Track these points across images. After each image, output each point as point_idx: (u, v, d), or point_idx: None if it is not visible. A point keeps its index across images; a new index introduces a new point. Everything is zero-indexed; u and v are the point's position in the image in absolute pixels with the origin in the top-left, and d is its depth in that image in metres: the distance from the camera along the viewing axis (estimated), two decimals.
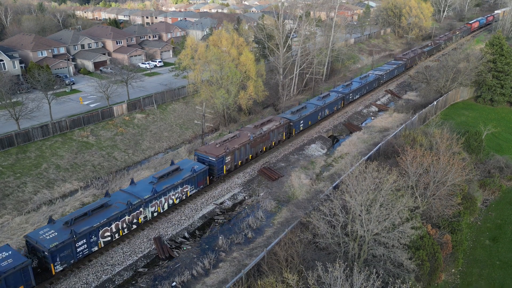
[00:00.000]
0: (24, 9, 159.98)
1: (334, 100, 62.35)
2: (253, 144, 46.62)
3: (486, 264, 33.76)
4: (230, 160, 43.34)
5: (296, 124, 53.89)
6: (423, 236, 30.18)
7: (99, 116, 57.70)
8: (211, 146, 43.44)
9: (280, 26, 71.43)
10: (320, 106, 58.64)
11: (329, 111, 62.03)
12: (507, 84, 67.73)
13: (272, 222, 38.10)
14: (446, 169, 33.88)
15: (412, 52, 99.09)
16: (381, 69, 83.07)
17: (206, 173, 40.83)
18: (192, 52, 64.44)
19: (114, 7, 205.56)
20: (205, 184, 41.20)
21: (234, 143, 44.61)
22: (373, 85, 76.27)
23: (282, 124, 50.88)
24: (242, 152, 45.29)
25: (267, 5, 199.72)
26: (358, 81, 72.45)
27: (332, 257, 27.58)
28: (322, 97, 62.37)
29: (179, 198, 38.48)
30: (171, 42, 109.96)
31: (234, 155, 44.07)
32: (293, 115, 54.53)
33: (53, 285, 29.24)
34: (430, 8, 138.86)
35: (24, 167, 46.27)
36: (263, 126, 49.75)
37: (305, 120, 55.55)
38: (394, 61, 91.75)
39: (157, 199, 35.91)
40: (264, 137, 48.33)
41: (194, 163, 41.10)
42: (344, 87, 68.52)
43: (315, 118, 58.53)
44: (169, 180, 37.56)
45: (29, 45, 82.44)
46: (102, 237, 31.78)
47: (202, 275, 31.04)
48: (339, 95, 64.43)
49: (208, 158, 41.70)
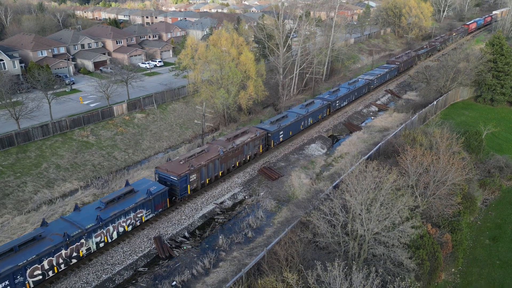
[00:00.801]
0: (24, 9, 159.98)
1: (318, 108, 58.42)
2: (223, 159, 42.83)
3: (486, 263, 33.78)
4: (195, 178, 39.52)
5: (275, 135, 50.10)
6: (423, 236, 30.20)
7: (99, 116, 57.72)
8: (174, 163, 39.47)
9: (280, 26, 71.44)
10: (303, 115, 54.83)
11: (313, 120, 58.03)
12: (507, 84, 67.74)
13: (272, 222, 38.12)
14: (446, 168, 33.89)
15: (406, 55, 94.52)
16: (372, 73, 78.88)
17: (166, 195, 36.57)
18: (192, 52, 64.48)
19: (114, 7, 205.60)
20: (164, 207, 36.89)
21: (201, 159, 40.71)
22: (362, 91, 72.63)
23: (258, 136, 47.04)
24: (210, 169, 41.44)
25: (267, 5, 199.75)
26: (346, 87, 68.48)
27: (332, 256, 27.60)
28: (305, 105, 58.41)
29: (132, 224, 34.15)
30: (171, 42, 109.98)
31: (201, 173, 40.22)
32: (272, 125, 50.86)
33: (53, 285, 29.26)
34: (430, 8, 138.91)
35: (24, 166, 46.29)
36: (236, 139, 45.88)
37: (285, 131, 51.89)
38: (387, 64, 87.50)
39: (103, 228, 31.67)
40: (237, 151, 44.50)
41: (152, 183, 36.74)
42: (330, 94, 64.69)
43: (297, 128, 54.76)
44: (120, 205, 33.35)
45: (29, 45, 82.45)
46: (30, 276, 27.37)
47: (202, 275, 31.07)
48: (324, 103, 60.58)
49: (170, 177, 37.64)
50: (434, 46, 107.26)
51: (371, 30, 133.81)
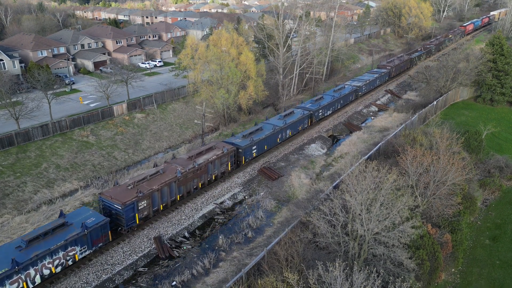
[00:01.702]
0: (24, 9, 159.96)
1: (298, 119, 54.08)
2: (182, 181, 38.38)
3: (486, 263, 33.77)
4: (146, 205, 34.97)
5: (247, 150, 45.87)
6: (423, 236, 30.19)
7: (99, 116, 57.70)
8: (121, 189, 34.81)
9: (280, 26, 71.44)
10: (280, 127, 50.65)
11: (292, 131, 53.78)
12: (507, 84, 67.76)
13: (272, 222, 38.11)
14: (446, 168, 33.89)
15: (398, 59, 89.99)
16: (360, 79, 74.45)
17: (106, 227, 31.64)
18: (192, 52, 64.46)
19: (114, 7, 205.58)
20: (105, 241, 31.98)
21: (154, 182, 36.09)
22: (349, 98, 68.00)
23: (226, 153, 42.84)
24: (165, 194, 36.86)
25: (267, 5, 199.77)
26: (330, 95, 64.10)
27: (332, 256, 27.59)
28: (284, 115, 54.02)
29: (62, 265, 29.23)
30: (171, 42, 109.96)
31: (153, 199, 35.64)
32: (243, 139, 46.66)
33: (53, 285, 29.24)
34: (429, 8, 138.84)
35: (24, 166, 46.26)
36: (199, 156, 41.50)
37: (259, 145, 47.68)
38: (377, 69, 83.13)
39: (20, 273, 26.51)
40: (200, 170, 40.11)
41: (92, 213, 32.00)
42: (313, 103, 60.22)
43: (273, 142, 50.62)
44: (46, 243, 28.31)
45: (29, 44, 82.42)
46: None
47: (202, 275, 31.06)
48: (305, 113, 55.96)
49: (114, 205, 33.11)
50: (429, 49, 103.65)
51: (371, 30, 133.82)
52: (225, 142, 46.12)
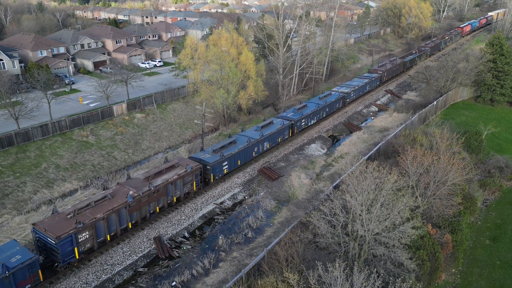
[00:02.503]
0: (23, 9, 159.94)
1: (277, 129, 50.44)
2: (134, 207, 33.85)
3: (486, 264, 33.75)
4: (89, 236, 30.57)
5: (216, 167, 41.94)
6: (423, 236, 30.17)
7: (99, 116, 57.64)
8: (59, 218, 30.47)
9: (280, 26, 71.41)
10: (256, 139, 47.19)
11: (270, 144, 50.18)
12: (507, 84, 67.76)
13: (272, 222, 38.07)
14: (446, 168, 33.87)
15: (390, 63, 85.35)
16: (349, 85, 70.31)
17: (36, 266, 27.09)
18: (192, 52, 64.42)
19: (114, 7, 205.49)
20: (35, 281, 27.41)
21: (100, 209, 31.69)
22: (335, 106, 63.82)
23: (189, 172, 38.50)
24: (113, 222, 32.43)
25: (267, 5, 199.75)
26: (315, 102, 60.19)
27: (332, 256, 27.55)
28: (261, 126, 50.24)
29: None
30: (171, 41, 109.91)
31: (97, 228, 31.23)
32: (213, 154, 42.81)
33: (53, 285, 29.19)
34: (429, 8, 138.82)
35: (24, 166, 46.20)
36: (158, 177, 37.06)
37: (231, 161, 44.07)
38: (367, 74, 79.13)
39: None
40: (157, 193, 35.69)
41: (19, 250, 27.21)
42: (295, 112, 56.11)
43: (248, 156, 46.90)
44: None
45: (29, 44, 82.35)
46: None
47: (202, 275, 31.01)
48: (286, 123, 52.28)
49: (47, 239, 28.85)
50: (424, 52, 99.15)
51: (371, 30, 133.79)
52: (192, 158, 42.07)
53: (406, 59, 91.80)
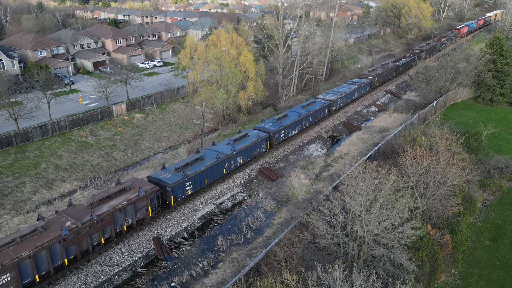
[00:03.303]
0: (23, 9, 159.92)
1: (252, 143, 46.47)
2: (72, 240, 29.39)
3: (486, 264, 33.69)
4: (11, 279, 25.87)
5: (177, 188, 37.41)
6: (423, 237, 30.11)
7: (98, 116, 57.60)
8: None
9: (280, 26, 71.36)
10: (226, 155, 42.96)
11: (244, 158, 46.11)
12: (506, 84, 67.69)
13: (271, 222, 38.01)
14: (446, 169, 33.80)
15: (382, 67, 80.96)
16: (336, 91, 66.11)
17: None
18: (192, 52, 64.38)
19: (114, 7, 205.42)
20: None
21: (26, 246, 26.96)
22: (319, 115, 59.95)
23: (143, 196, 34.15)
24: (43, 259, 27.82)
25: (267, 5, 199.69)
26: (297, 111, 56.05)
27: (331, 257, 27.51)
28: (234, 139, 46.11)
29: None
30: (171, 42, 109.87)
31: (22, 269, 26.58)
32: (175, 174, 38.31)
33: (52, 286, 29.13)
34: (429, 8, 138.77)
35: (23, 167, 46.15)
36: (104, 203, 32.59)
37: (196, 180, 39.62)
38: (357, 79, 75.03)
39: None
40: (102, 223, 31.27)
41: None
42: (274, 122, 52.10)
43: (217, 173, 42.43)
44: None
45: (28, 44, 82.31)
46: None
47: (201, 276, 30.95)
48: (262, 135, 48.34)
49: None
50: (418, 55, 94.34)
51: (370, 30, 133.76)
52: (150, 178, 37.67)
53: (399, 63, 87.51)
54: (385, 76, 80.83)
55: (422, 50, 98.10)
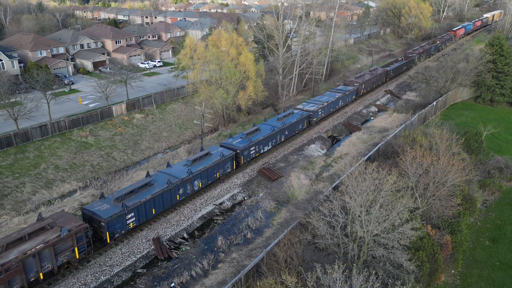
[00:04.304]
0: (23, 9, 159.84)
1: (214, 163, 41.04)
2: None
3: (486, 265, 33.68)
4: None
5: (116, 221, 32.07)
6: (423, 237, 30.10)
7: (98, 116, 57.57)
8: None
9: (280, 26, 71.34)
10: (180, 179, 37.32)
11: (203, 182, 40.38)
12: (506, 85, 67.69)
13: (271, 223, 38.00)
14: (446, 169, 33.79)
15: (370, 73, 76.23)
16: (317, 101, 60.94)
17: None
18: (191, 52, 64.35)
19: (114, 7, 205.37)
20: None
21: None
22: (297, 128, 54.67)
23: (65, 236, 28.44)
24: None
25: (266, 5, 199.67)
26: (271, 124, 50.89)
27: (331, 258, 27.50)
28: (192, 160, 40.22)
29: None
30: (171, 42, 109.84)
31: None
32: (114, 204, 32.84)
33: (51, 286, 29.12)
34: (429, 8, 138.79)
35: (23, 167, 46.13)
36: (14, 247, 26.95)
37: (141, 210, 34.20)
38: (342, 86, 70.20)
39: None
40: (8, 272, 25.58)
41: None
42: (243, 137, 47.00)
43: (169, 200, 36.85)
44: None
45: (28, 44, 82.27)
46: None
47: (201, 276, 30.94)
48: (227, 154, 42.91)
49: None
50: (411, 58, 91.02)
51: (370, 30, 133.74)
52: (84, 209, 32.49)
53: (389, 68, 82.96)
54: (374, 82, 76.11)
55: (415, 54, 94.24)
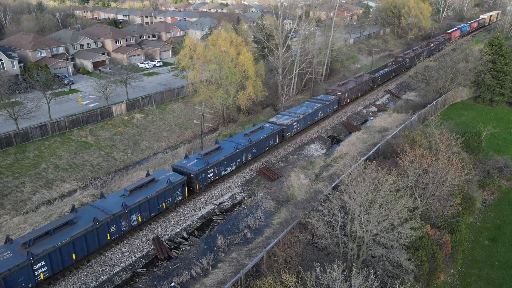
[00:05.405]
0: (23, 9, 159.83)
1: (159, 192, 35.38)
2: None
3: (485, 264, 33.74)
4: None
5: (20, 274, 25.91)
6: (422, 237, 30.16)
7: (98, 116, 57.60)
8: None
9: (280, 26, 71.38)
10: (111, 215, 31.27)
11: (144, 215, 34.70)
12: (506, 84, 67.74)
13: (271, 222, 38.05)
14: (445, 169, 33.85)
15: (354, 80, 70.20)
16: (293, 112, 55.58)
17: None
18: (191, 52, 64.39)
19: (114, 7, 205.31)
20: None
21: None
22: (268, 144, 49.24)
23: None
24: None
25: (266, 5, 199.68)
26: (236, 141, 45.67)
27: (331, 257, 27.56)
28: (131, 190, 34.37)
29: None
30: (171, 42, 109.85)
31: None
32: (19, 252, 26.64)
33: (51, 286, 29.17)
34: (429, 8, 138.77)
35: (23, 167, 46.17)
36: None
37: (54, 256, 27.95)
38: (324, 95, 64.49)
39: None
40: None
41: None
42: (200, 158, 41.08)
43: (94, 241, 30.68)
44: None
45: (28, 44, 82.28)
46: None
47: (201, 276, 31.00)
48: (177, 180, 37.15)
49: None
50: (402, 63, 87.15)
51: (370, 30, 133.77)
52: None
53: (376, 74, 78.10)
54: (358, 90, 70.33)
55: (406, 58, 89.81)
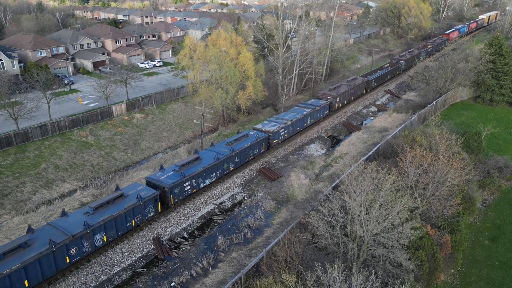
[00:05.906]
0: (23, 9, 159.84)
1: (128, 208, 32.68)
2: None
3: (485, 264, 33.74)
4: None
5: None
6: (422, 237, 30.16)
7: (98, 116, 57.61)
8: None
9: (280, 26, 71.38)
10: (70, 236, 28.68)
11: (110, 234, 31.86)
12: (506, 84, 67.75)
13: (271, 222, 38.05)
14: (445, 169, 33.85)
15: (347, 84, 67.58)
16: (280, 118, 53.24)
17: None
18: (191, 52, 64.39)
19: (114, 7, 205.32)
20: None
21: None
22: (252, 152, 46.74)
23: None
24: None
25: (266, 5, 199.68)
26: (217, 151, 43.24)
27: (331, 257, 27.56)
28: (95, 207, 31.70)
29: None
30: (171, 41, 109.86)
31: None
32: None
33: (51, 286, 29.17)
34: (429, 8, 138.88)
35: (23, 167, 46.17)
36: None
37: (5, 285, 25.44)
38: (314, 100, 61.68)
39: None
40: None
41: None
42: (176, 170, 38.48)
43: (51, 265, 27.96)
44: None
45: (28, 44, 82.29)
46: None
47: (201, 276, 31.00)
48: (147, 196, 34.24)
49: None
50: (397, 66, 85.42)
51: (370, 30, 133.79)
52: None
53: (370, 78, 75.84)
54: (351, 94, 68.03)
55: (402, 60, 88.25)
